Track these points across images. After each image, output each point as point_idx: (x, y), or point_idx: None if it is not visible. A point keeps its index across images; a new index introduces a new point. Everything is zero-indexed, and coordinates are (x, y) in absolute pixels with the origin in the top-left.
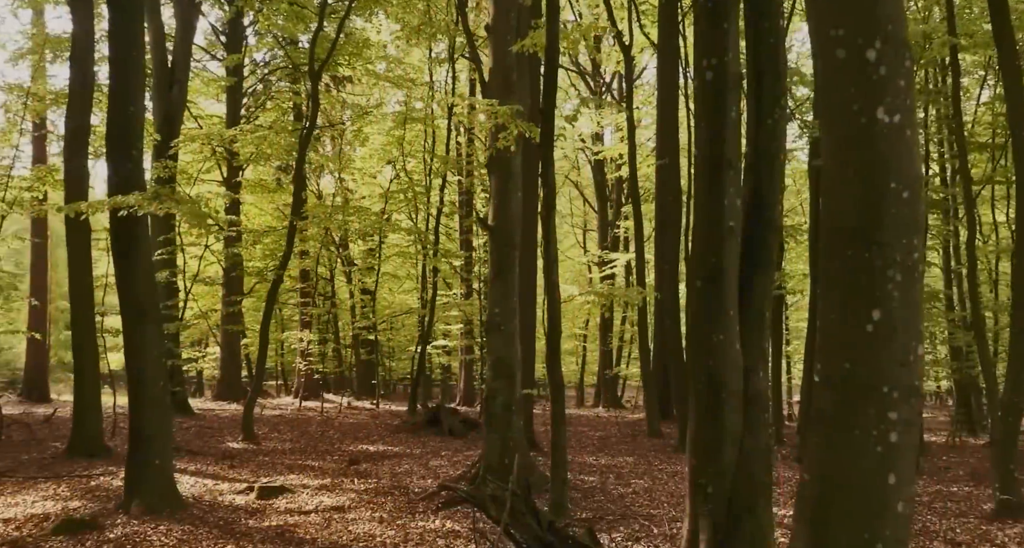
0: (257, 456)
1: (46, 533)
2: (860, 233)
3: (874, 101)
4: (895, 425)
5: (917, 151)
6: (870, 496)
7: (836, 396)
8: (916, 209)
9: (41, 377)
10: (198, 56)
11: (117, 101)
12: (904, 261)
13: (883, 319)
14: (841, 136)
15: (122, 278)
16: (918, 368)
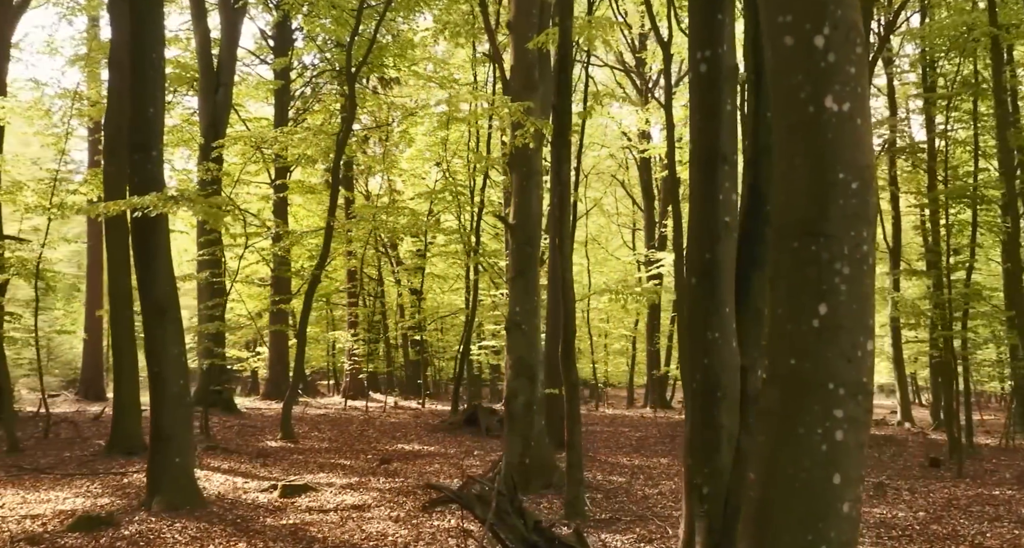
0: (292, 455)
1: (63, 529)
2: (807, 225)
3: (822, 89)
4: (841, 423)
5: (868, 141)
6: (814, 497)
7: (781, 393)
8: (865, 200)
9: (97, 376)
10: (247, 60)
11: (137, 103)
12: (852, 254)
13: (829, 314)
14: (789, 125)
15: (142, 278)
16: (866, 364)
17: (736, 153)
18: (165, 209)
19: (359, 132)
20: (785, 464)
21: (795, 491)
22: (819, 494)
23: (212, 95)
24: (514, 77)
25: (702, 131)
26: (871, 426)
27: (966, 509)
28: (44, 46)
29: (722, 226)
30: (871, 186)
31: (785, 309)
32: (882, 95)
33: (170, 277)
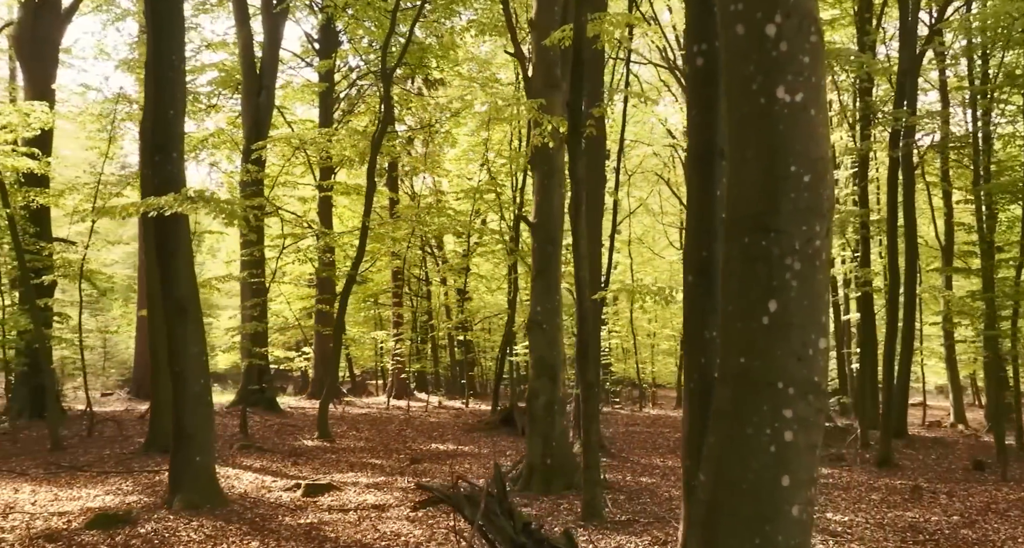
0: (325, 454)
1: (81, 527)
2: (757, 220)
3: (774, 79)
4: (790, 423)
5: (823, 132)
6: (761, 499)
7: (731, 393)
8: (818, 194)
9: (148, 375)
10: (292, 63)
11: (158, 106)
12: (804, 249)
13: (780, 311)
14: (741, 117)
15: (163, 277)
16: (818, 363)
17: None
18: (181, 209)
19: (404, 133)
20: (733, 465)
21: (743, 493)
22: (767, 496)
23: (255, 98)
24: (536, 75)
25: (699, 126)
26: (823, 427)
27: (1004, 514)
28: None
29: (719, 223)
30: (825, 179)
31: (735, 306)
32: (934, 89)
33: (190, 277)
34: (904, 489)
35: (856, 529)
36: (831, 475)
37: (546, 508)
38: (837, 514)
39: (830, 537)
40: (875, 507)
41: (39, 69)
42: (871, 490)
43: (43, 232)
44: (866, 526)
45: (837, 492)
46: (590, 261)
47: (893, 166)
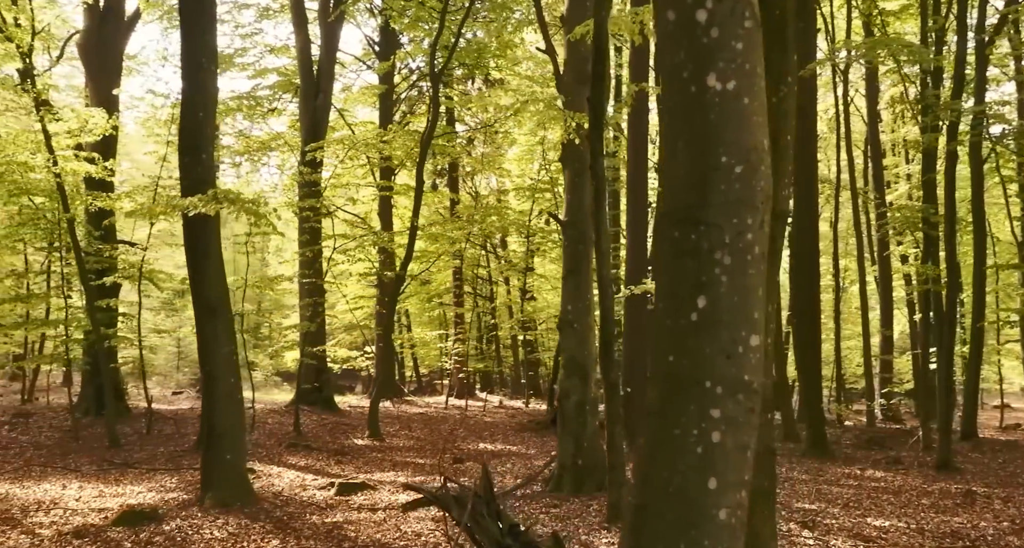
0: (372, 453)
1: (108, 523)
2: (686, 212)
3: (705, 67)
4: (717, 424)
5: (758, 121)
6: (687, 502)
7: (660, 392)
8: (750, 185)
9: None
10: (353, 66)
11: (187, 108)
12: (734, 243)
13: (708, 307)
14: (672, 107)
15: (194, 277)
16: (748, 361)
17: None
18: (204, 209)
19: (464, 134)
20: (660, 468)
21: (668, 496)
22: (693, 500)
23: (312, 101)
24: (567, 71)
25: None
26: (756, 427)
27: None
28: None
29: None
30: (758, 170)
31: (665, 303)
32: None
33: (220, 277)
34: (958, 494)
35: (892, 534)
36: (884, 478)
37: (574, 509)
38: (878, 519)
39: (862, 542)
40: (921, 512)
41: (103, 76)
42: (922, 494)
43: (108, 235)
44: (904, 531)
45: (886, 496)
46: (635, 258)
47: (950, 159)
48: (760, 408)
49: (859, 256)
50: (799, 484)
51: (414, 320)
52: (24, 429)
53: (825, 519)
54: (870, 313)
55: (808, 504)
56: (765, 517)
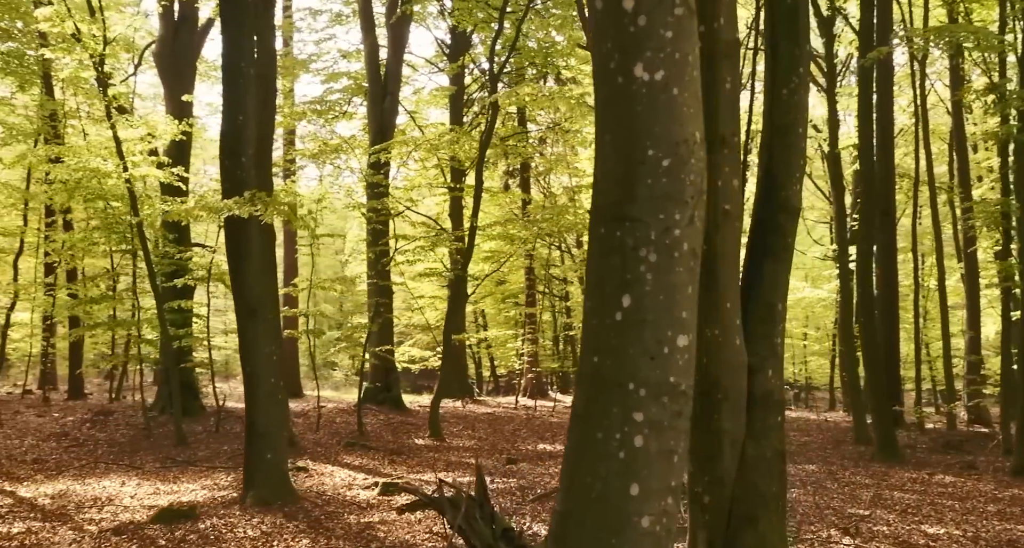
0: (428, 453)
1: (146, 521)
2: (613, 209)
3: (632, 57)
4: (640, 427)
5: (689, 112)
6: (609, 509)
7: (585, 393)
8: (678, 179)
9: (294, 375)
10: (424, 68)
11: (227, 111)
12: (660, 239)
13: (633, 306)
14: (602, 99)
15: (234, 278)
16: (675, 362)
17: (737, 135)
18: (239, 212)
19: (535, 133)
20: (582, 473)
21: (590, 503)
22: (615, 506)
23: (380, 104)
24: None
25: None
26: (685, 432)
27: None
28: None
29: (720, 214)
30: (688, 163)
31: (592, 302)
32: None
33: (260, 278)
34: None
35: (942, 542)
36: (953, 484)
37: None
38: (934, 526)
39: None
40: (984, 519)
41: (177, 83)
42: (990, 501)
43: (182, 238)
44: (958, 539)
45: (950, 502)
46: None
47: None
48: (689, 411)
49: (938, 253)
50: (859, 489)
51: (490, 320)
52: (102, 426)
53: (875, 525)
54: (959, 312)
55: (862, 509)
56: (772, 523)
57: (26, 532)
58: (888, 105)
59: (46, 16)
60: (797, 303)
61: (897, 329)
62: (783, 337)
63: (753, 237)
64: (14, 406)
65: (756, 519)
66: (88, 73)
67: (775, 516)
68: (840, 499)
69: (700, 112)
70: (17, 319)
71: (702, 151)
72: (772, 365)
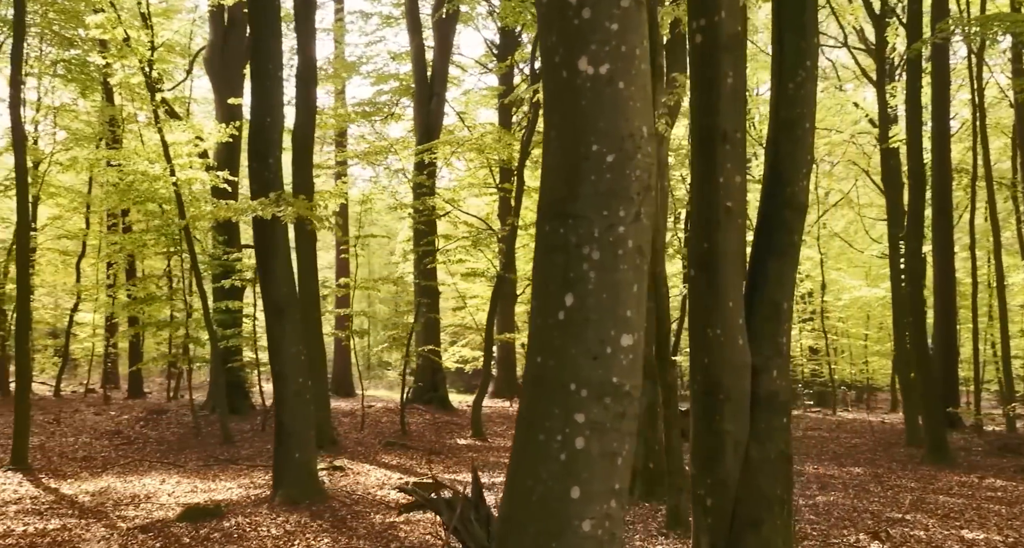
0: (467, 452)
1: (173, 519)
2: (558, 206)
3: (577, 50)
4: (582, 429)
5: (636, 106)
6: (549, 513)
7: (528, 394)
8: (623, 175)
9: (346, 374)
10: (473, 69)
11: (255, 113)
12: (604, 237)
13: (576, 305)
14: (548, 94)
15: (263, 278)
16: (618, 362)
17: (740, 131)
18: (262, 213)
19: None
20: (524, 476)
21: (531, 506)
22: (555, 510)
23: (427, 105)
24: None
25: (700, 108)
26: (629, 434)
27: None
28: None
29: (722, 211)
30: (634, 158)
31: (537, 301)
32: None
33: (288, 279)
34: None
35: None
36: (1003, 488)
37: (641, 514)
38: (974, 531)
39: None
40: None
41: (227, 87)
42: None
43: (232, 240)
44: (995, 546)
45: (997, 507)
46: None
47: None
48: (635, 413)
49: (996, 252)
50: (903, 492)
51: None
52: (154, 425)
53: (912, 529)
54: None
55: (901, 513)
56: (778, 527)
57: (61, 528)
58: (943, 98)
59: (97, 23)
60: (854, 302)
61: (954, 329)
62: (789, 336)
63: (759, 234)
64: (75, 404)
65: (760, 522)
66: (137, 78)
67: (780, 520)
68: (880, 503)
69: (648, 106)
70: (82, 319)
71: (650, 146)
72: (777, 365)
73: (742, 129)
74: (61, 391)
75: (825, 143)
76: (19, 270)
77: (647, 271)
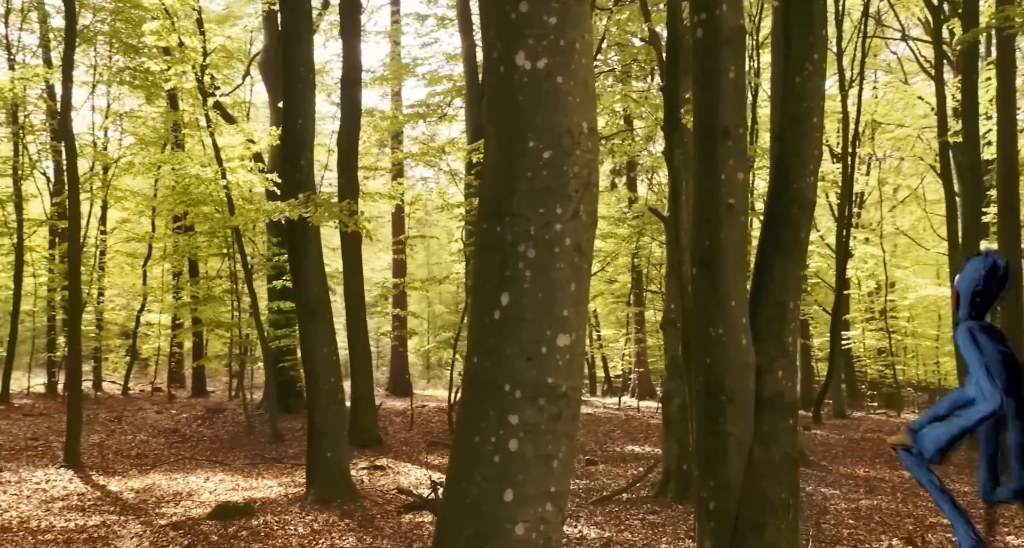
0: None
1: (203, 517)
2: (494, 204)
3: (514, 45)
4: (515, 431)
5: (575, 101)
6: (483, 516)
7: (465, 396)
8: (561, 172)
9: (402, 374)
10: None
11: (286, 116)
12: (540, 235)
13: (511, 304)
14: (488, 90)
15: (295, 279)
16: (553, 363)
17: (742, 126)
18: (290, 214)
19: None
20: (460, 478)
21: (466, 509)
22: (489, 513)
23: (477, 105)
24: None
25: (701, 103)
26: (566, 436)
27: None
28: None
29: (724, 209)
30: (572, 155)
31: (475, 300)
32: None
33: (320, 279)
34: None
35: None
36: None
37: (672, 517)
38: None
39: None
40: None
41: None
42: None
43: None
44: None
45: None
46: None
47: None
48: (573, 414)
49: None
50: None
51: (602, 320)
52: (210, 423)
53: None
54: None
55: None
56: (782, 530)
57: (99, 525)
58: (1009, 88)
59: (153, 30)
60: (920, 301)
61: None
62: (795, 336)
63: (765, 232)
64: (140, 403)
65: (763, 526)
66: (190, 84)
67: (784, 523)
68: (927, 507)
69: (588, 101)
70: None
71: (590, 142)
72: (782, 365)
73: (744, 125)
74: (130, 390)
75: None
76: (71, 274)
77: (588, 270)
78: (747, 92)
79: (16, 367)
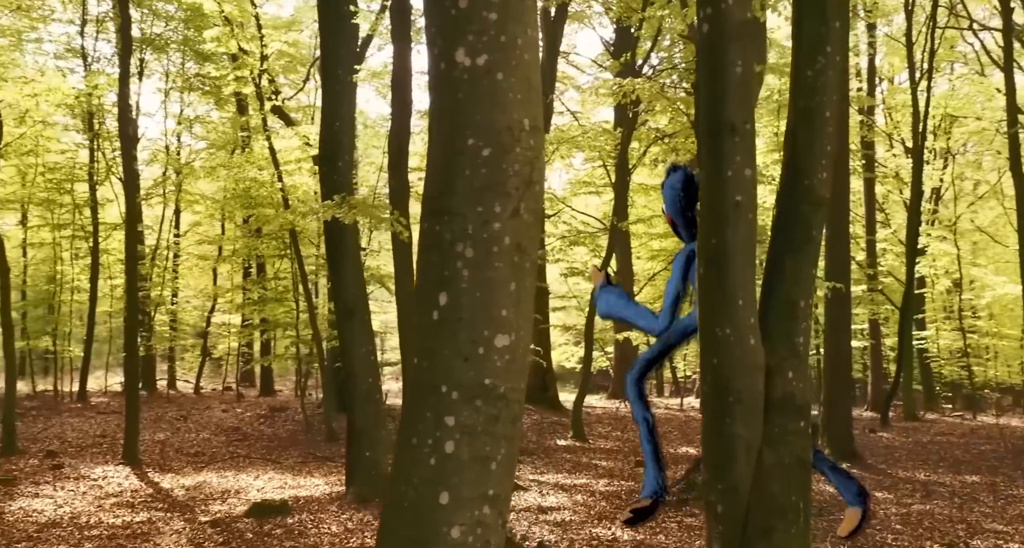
0: (561, 454)
1: (240, 514)
2: (435, 202)
3: (454, 41)
4: (451, 432)
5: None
6: (419, 519)
7: (406, 398)
8: (500, 170)
9: None
10: (590, 69)
11: (325, 117)
12: (478, 233)
13: (449, 304)
14: (430, 87)
15: (333, 280)
16: (491, 363)
17: (750, 122)
18: (323, 216)
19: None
20: (399, 481)
21: (403, 512)
22: (424, 516)
23: None
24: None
25: (706, 99)
26: (506, 438)
27: None
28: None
29: (731, 206)
30: (512, 152)
31: (417, 301)
32: None
33: (358, 280)
34: None
35: None
36: None
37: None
38: None
39: None
40: None
41: None
42: None
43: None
44: None
45: None
46: (833, 253)
47: None
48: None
49: None
50: (1017, 503)
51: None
52: (271, 422)
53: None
54: None
55: (1003, 525)
56: (792, 535)
57: (145, 521)
58: None
59: (213, 36)
60: (998, 300)
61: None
62: (808, 336)
63: (776, 230)
64: (209, 402)
65: (772, 530)
66: (248, 88)
67: (795, 527)
68: (982, 513)
69: (532, 97)
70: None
71: (532, 139)
72: (793, 366)
73: (751, 121)
74: (201, 388)
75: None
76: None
77: (530, 270)
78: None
79: (97, 367)
